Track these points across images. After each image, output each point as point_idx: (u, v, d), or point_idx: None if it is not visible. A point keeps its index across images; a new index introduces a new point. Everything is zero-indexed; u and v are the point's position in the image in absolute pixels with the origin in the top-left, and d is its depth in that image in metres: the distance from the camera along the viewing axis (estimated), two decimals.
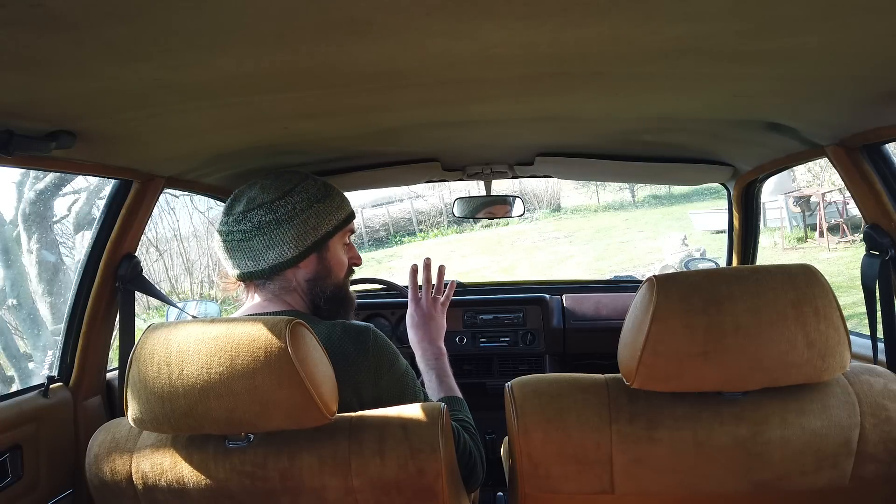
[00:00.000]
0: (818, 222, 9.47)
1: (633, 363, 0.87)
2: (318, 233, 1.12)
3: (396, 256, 14.64)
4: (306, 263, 1.13)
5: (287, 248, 1.10)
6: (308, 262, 1.13)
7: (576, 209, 16.52)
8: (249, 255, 1.10)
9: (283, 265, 1.11)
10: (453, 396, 1.20)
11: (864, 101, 0.99)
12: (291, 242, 1.10)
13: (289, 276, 1.12)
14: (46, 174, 5.53)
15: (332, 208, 1.15)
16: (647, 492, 0.92)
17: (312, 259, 1.13)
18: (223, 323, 0.85)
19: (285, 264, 1.11)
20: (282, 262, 1.10)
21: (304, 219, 1.11)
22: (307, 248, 1.11)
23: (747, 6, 0.64)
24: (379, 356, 1.05)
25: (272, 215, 1.10)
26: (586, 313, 2.16)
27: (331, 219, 1.15)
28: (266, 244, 1.10)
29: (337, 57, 0.75)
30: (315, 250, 1.13)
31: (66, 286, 5.66)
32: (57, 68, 0.70)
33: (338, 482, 0.88)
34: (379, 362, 1.04)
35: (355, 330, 1.06)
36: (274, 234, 1.10)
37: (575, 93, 1.03)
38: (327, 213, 1.14)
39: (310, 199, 1.13)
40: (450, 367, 1.29)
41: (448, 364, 1.30)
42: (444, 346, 1.35)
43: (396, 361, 1.08)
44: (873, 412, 0.88)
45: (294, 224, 1.11)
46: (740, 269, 0.89)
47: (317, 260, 1.14)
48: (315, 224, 1.12)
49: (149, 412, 0.85)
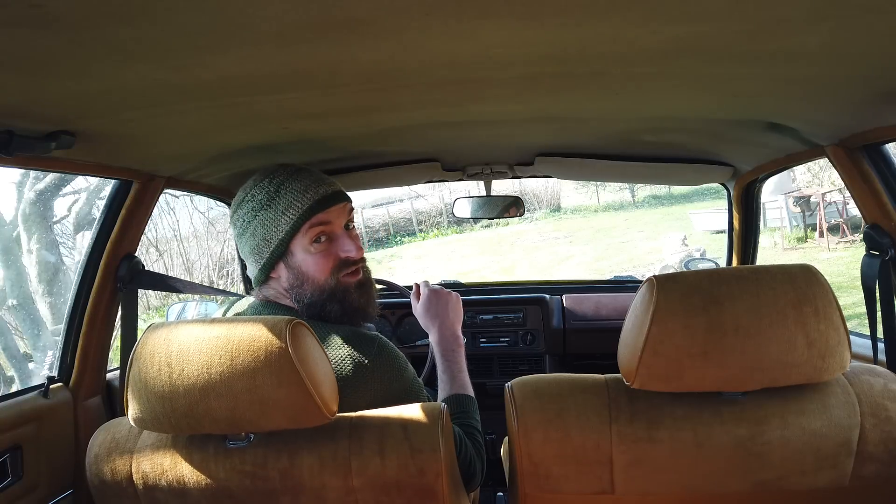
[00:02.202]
0: (818, 222, 9.47)
1: (633, 363, 0.87)
2: (270, 243, 1.04)
3: (396, 256, 14.64)
4: (276, 273, 1.07)
5: (252, 264, 1.08)
6: (277, 272, 1.07)
7: (576, 209, 16.52)
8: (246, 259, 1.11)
9: (258, 278, 1.09)
10: (465, 395, 1.15)
11: (864, 101, 0.99)
12: (252, 257, 1.07)
13: (273, 286, 1.10)
14: (46, 174, 5.53)
15: (276, 213, 1.04)
16: (647, 492, 0.92)
17: (281, 268, 1.06)
18: (223, 323, 0.85)
19: (259, 278, 1.09)
20: (256, 276, 1.09)
21: (252, 232, 1.06)
22: (267, 261, 1.06)
23: (747, 6, 0.64)
24: (384, 367, 1.01)
25: (235, 230, 1.09)
26: (586, 313, 2.16)
27: (279, 224, 1.04)
28: (243, 256, 1.10)
29: (337, 57, 0.75)
30: (278, 259, 1.05)
31: (66, 286, 5.66)
32: (57, 68, 0.70)
33: (338, 482, 0.88)
34: (384, 373, 1.01)
35: (361, 339, 1.02)
36: (241, 248, 1.09)
37: (575, 93, 1.03)
38: (273, 219, 1.04)
39: (254, 209, 1.05)
40: (465, 361, 1.21)
41: (464, 357, 1.22)
42: (461, 336, 1.26)
43: (403, 372, 1.04)
44: (873, 412, 0.88)
45: (246, 238, 1.07)
46: (740, 269, 0.89)
47: (285, 268, 1.06)
48: (263, 234, 1.04)
49: (149, 412, 0.85)
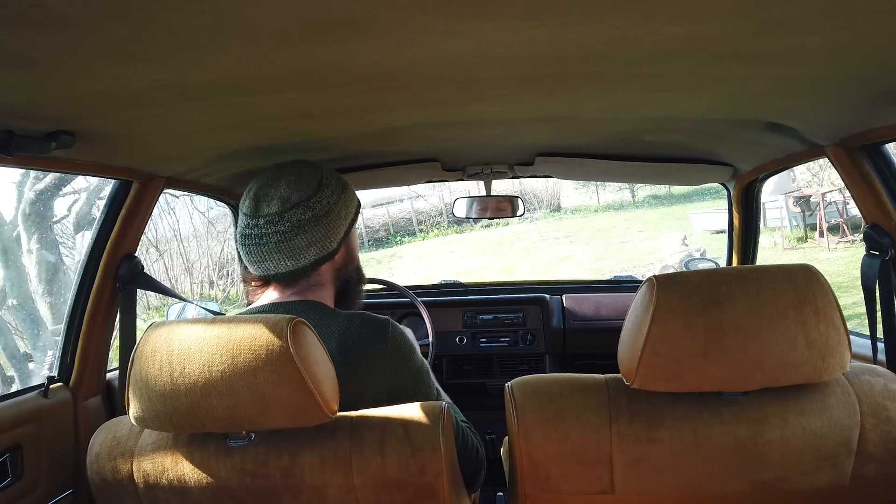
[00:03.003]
0: (818, 222, 9.47)
1: (633, 363, 0.87)
2: (347, 222, 1.16)
3: (396, 256, 14.64)
4: (340, 254, 1.16)
5: (328, 243, 1.12)
6: (342, 252, 1.16)
7: (576, 209, 16.51)
8: (290, 255, 1.10)
9: (323, 259, 1.12)
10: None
11: (864, 101, 0.99)
12: (332, 236, 1.13)
13: (323, 270, 1.14)
14: (46, 174, 5.53)
15: (352, 195, 1.19)
16: (647, 492, 0.92)
17: (343, 249, 1.17)
18: (224, 322, 0.85)
19: (326, 258, 1.13)
20: (323, 257, 1.12)
21: (337, 211, 1.14)
22: (342, 239, 1.15)
23: (747, 6, 0.64)
24: (397, 349, 1.06)
25: (311, 212, 1.11)
26: (586, 313, 2.16)
27: (353, 206, 1.19)
28: (308, 241, 1.10)
29: (337, 57, 0.75)
30: (346, 239, 1.17)
31: (66, 286, 5.66)
32: (57, 68, 0.70)
33: (339, 481, 0.88)
34: (396, 355, 1.06)
35: (374, 322, 1.07)
36: (315, 230, 1.11)
37: (575, 93, 1.03)
38: (351, 200, 1.18)
39: (337, 191, 1.16)
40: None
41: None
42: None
43: (413, 356, 1.09)
44: (873, 412, 0.88)
45: (331, 218, 1.13)
46: (740, 269, 0.89)
47: (345, 248, 1.18)
48: (345, 214, 1.16)
49: (150, 410, 0.85)
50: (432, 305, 2.14)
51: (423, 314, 1.98)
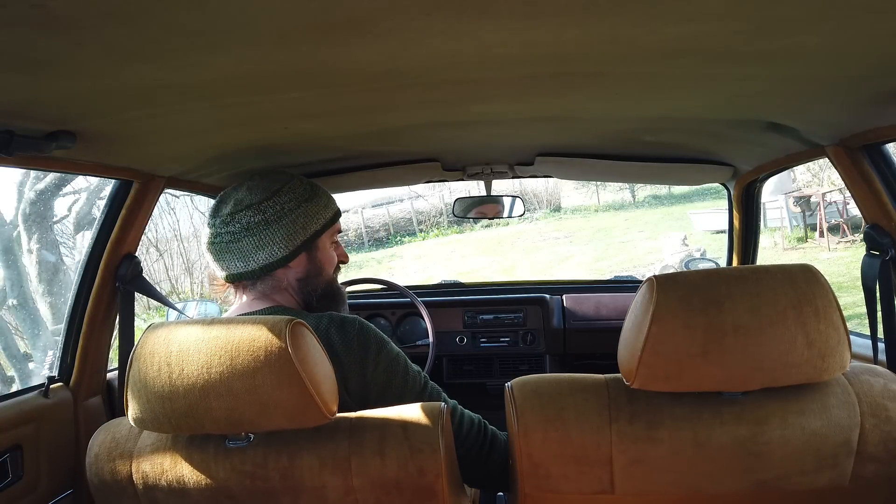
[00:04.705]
0: (818, 222, 9.46)
1: (633, 363, 0.87)
2: (306, 232, 1.15)
3: (396, 256, 14.64)
4: (296, 263, 1.15)
5: (277, 249, 1.12)
6: (298, 261, 1.15)
7: (576, 209, 16.51)
8: (239, 257, 1.12)
9: (273, 265, 1.12)
10: None
11: (864, 101, 0.99)
12: (281, 242, 1.12)
13: (279, 276, 1.14)
14: (46, 174, 5.54)
15: (319, 207, 1.18)
16: (647, 492, 0.92)
17: (302, 258, 1.16)
18: (223, 323, 0.85)
19: (276, 264, 1.13)
20: (272, 262, 1.12)
21: (292, 219, 1.13)
22: (297, 248, 1.14)
23: (747, 6, 0.64)
24: (364, 345, 1.06)
25: (261, 216, 1.12)
26: (586, 313, 2.16)
27: (318, 218, 1.17)
28: (255, 245, 1.11)
29: (337, 57, 0.75)
30: (305, 249, 1.15)
31: (66, 286, 5.67)
32: (57, 68, 0.70)
33: (338, 482, 0.88)
34: (364, 351, 1.06)
35: (340, 320, 1.08)
36: (263, 234, 1.12)
37: (575, 93, 1.03)
38: (315, 212, 1.17)
39: (297, 199, 1.15)
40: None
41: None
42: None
43: (383, 349, 1.08)
44: (873, 412, 0.88)
45: (283, 224, 1.13)
46: (740, 269, 0.89)
47: (307, 259, 1.16)
48: (304, 223, 1.15)
49: (149, 412, 0.85)
50: (432, 305, 2.14)
51: (423, 314, 1.98)
